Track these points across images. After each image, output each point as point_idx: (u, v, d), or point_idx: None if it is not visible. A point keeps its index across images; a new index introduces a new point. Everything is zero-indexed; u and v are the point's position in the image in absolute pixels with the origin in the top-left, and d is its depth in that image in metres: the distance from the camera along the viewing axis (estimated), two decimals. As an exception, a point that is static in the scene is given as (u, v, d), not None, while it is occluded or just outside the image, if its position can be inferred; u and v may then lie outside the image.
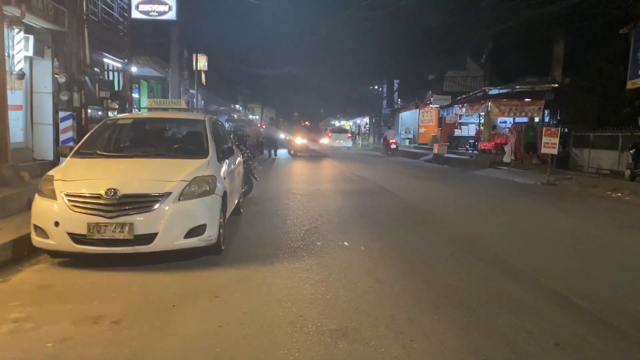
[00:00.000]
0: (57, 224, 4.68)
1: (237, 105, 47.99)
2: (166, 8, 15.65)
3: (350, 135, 40.15)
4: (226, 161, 6.25)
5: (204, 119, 6.60)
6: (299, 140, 26.31)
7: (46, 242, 4.79)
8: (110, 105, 13.90)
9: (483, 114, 23.44)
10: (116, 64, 14.96)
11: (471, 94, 24.96)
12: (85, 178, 4.99)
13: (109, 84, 14.15)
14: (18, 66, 8.85)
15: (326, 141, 28.37)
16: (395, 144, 29.08)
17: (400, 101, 42.39)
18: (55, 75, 10.19)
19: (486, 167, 18.84)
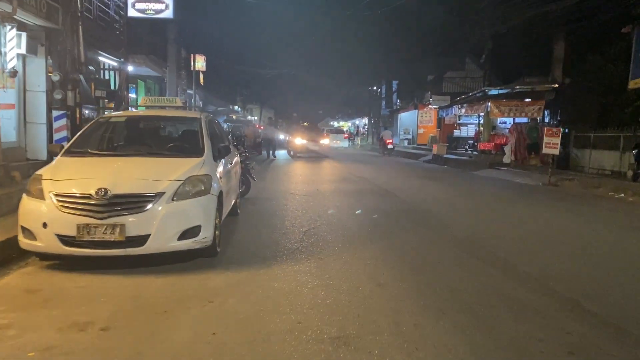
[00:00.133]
0: (45, 225, 4.49)
1: (236, 106, 47.77)
2: (163, 6, 15.48)
3: (347, 135, 40.68)
4: (222, 160, 6.08)
5: (200, 117, 6.43)
6: (299, 140, 26.16)
7: (34, 244, 4.59)
8: (106, 105, 13.74)
9: (482, 114, 23.30)
10: (112, 62, 14.79)
11: (471, 94, 24.82)
12: (75, 177, 4.80)
13: (104, 83, 13.97)
14: (10, 64, 8.64)
15: (326, 142, 28.33)
16: (392, 144, 29.59)
17: (399, 102, 42.28)
18: (49, 74, 10.03)
19: (486, 168, 18.70)
